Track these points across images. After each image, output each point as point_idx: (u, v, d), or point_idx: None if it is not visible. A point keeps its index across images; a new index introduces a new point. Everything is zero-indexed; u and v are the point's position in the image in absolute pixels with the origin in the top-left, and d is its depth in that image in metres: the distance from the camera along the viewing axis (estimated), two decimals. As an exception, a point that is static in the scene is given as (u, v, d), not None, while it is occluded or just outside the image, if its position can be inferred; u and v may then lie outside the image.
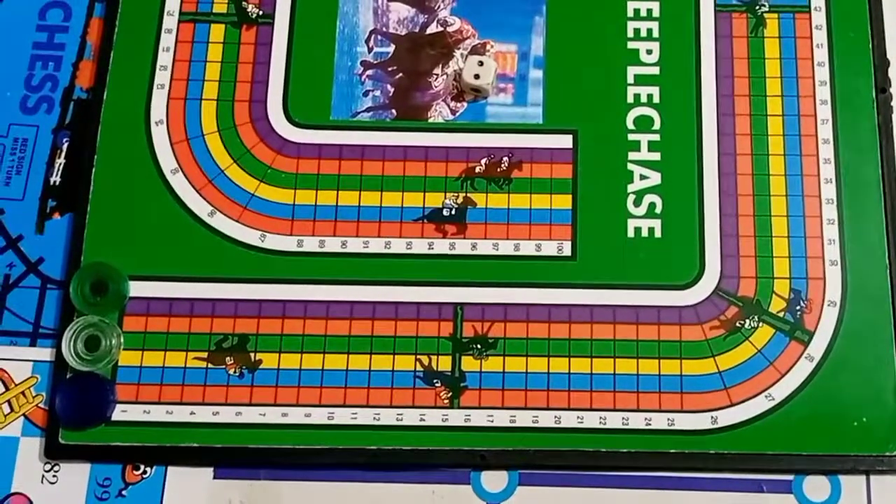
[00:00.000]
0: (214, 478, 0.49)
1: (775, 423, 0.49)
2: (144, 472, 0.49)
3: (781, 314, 0.51)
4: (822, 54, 0.55)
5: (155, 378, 0.50)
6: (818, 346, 0.50)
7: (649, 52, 0.55)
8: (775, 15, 0.55)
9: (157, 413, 0.50)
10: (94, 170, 0.53)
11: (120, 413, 0.50)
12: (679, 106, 0.54)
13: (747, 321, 0.50)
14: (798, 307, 0.51)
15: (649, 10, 0.56)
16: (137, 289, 0.51)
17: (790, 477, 0.49)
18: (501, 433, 0.49)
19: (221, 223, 0.53)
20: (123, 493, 0.49)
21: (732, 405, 0.49)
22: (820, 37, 0.55)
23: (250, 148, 0.54)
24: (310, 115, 0.54)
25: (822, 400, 0.49)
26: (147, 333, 0.51)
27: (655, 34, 0.55)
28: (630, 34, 0.55)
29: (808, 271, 0.51)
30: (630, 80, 0.55)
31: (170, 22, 0.56)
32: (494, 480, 0.49)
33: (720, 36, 0.55)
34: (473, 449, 0.49)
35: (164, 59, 0.55)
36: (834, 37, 0.55)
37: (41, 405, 0.50)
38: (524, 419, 0.49)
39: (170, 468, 0.49)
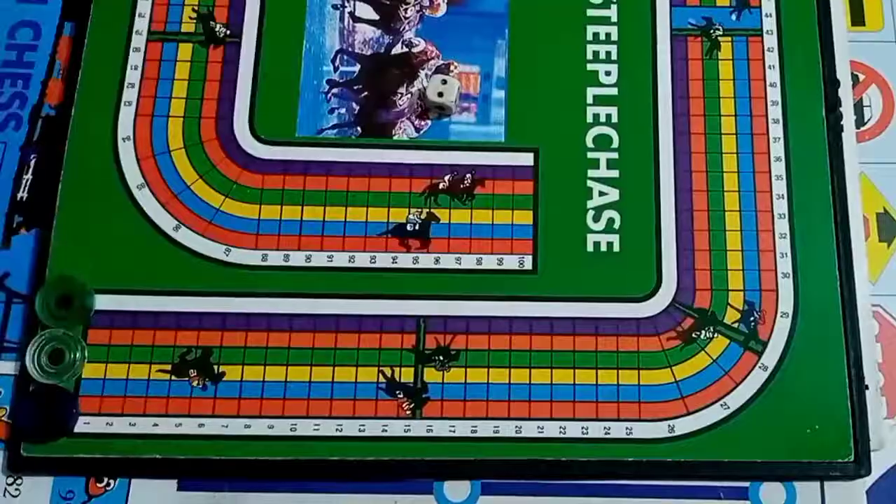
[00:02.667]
0: (178, 489, 0.50)
1: (731, 431, 0.51)
2: (108, 484, 0.50)
3: (736, 325, 0.53)
4: (774, 75, 0.58)
5: (118, 390, 0.51)
6: (772, 356, 0.52)
7: (608, 73, 0.58)
8: (729, 38, 0.58)
9: (121, 425, 0.51)
10: (60, 185, 0.54)
11: (83, 425, 0.51)
12: (636, 125, 0.57)
13: (703, 332, 0.53)
14: (752, 318, 0.53)
15: (608, 34, 0.59)
16: (103, 302, 0.53)
17: (746, 484, 0.50)
18: (463, 443, 0.51)
19: (186, 237, 0.54)
20: (86, 505, 0.50)
21: (689, 414, 0.51)
22: (772, 59, 0.58)
23: (216, 164, 0.56)
24: (276, 132, 0.56)
25: (776, 408, 0.51)
26: (111, 346, 0.52)
27: (614, 56, 0.58)
28: (589, 56, 0.58)
29: (762, 284, 0.53)
30: (589, 100, 0.57)
31: (138, 41, 0.58)
32: (457, 490, 0.50)
33: (676, 58, 0.58)
34: (436, 459, 0.50)
35: (132, 76, 0.57)
36: (785, 59, 0.58)
37: (4, 418, 0.51)
38: (485, 429, 0.51)
39: (133, 480, 0.50)
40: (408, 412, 0.51)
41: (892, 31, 0.60)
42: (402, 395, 0.52)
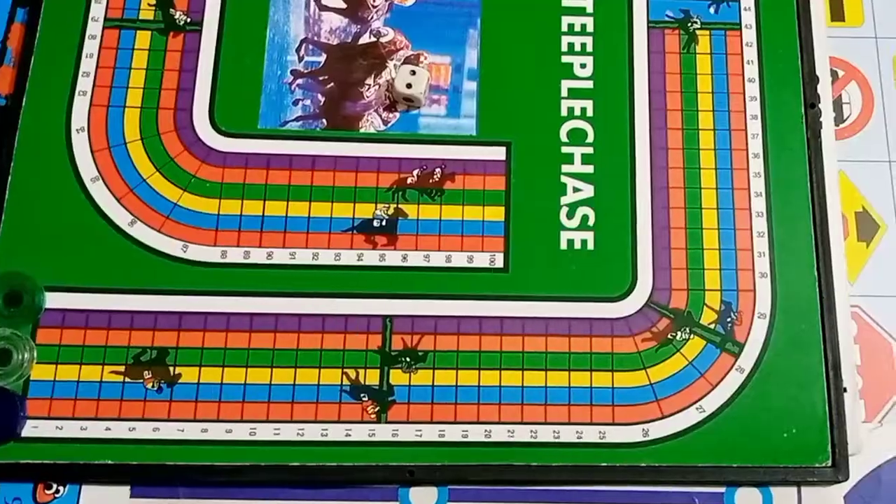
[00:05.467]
0: (131, 496, 0.50)
1: (707, 434, 0.51)
2: (57, 490, 0.49)
3: (712, 326, 0.53)
4: (752, 70, 0.58)
5: (69, 392, 0.51)
6: (748, 358, 0.52)
7: (583, 66, 0.58)
8: (707, 32, 0.59)
9: (71, 429, 0.50)
10: (10, 178, 0.54)
11: (31, 429, 0.50)
12: (612, 119, 0.57)
13: (679, 333, 0.53)
14: (729, 319, 0.53)
15: (583, 25, 0.59)
16: (53, 300, 0.52)
17: (722, 489, 0.51)
18: (430, 448, 0.50)
19: (142, 233, 0.53)
20: (33, 512, 0.49)
21: (664, 417, 0.51)
22: (750, 53, 0.58)
23: (174, 157, 0.55)
24: (237, 124, 0.56)
25: (753, 411, 0.51)
26: (62, 346, 0.51)
27: (589, 48, 0.58)
28: (564, 48, 0.58)
29: (739, 283, 0.54)
30: (564, 93, 0.57)
31: (94, 28, 0.57)
32: (423, 497, 0.50)
33: (653, 51, 0.58)
34: (401, 464, 0.50)
35: (87, 65, 0.56)
36: (764, 54, 0.58)
37: (-54, 422, 0.50)
38: (454, 433, 0.51)
39: (84, 487, 0.50)
40: (373, 416, 0.51)
41: (872, 26, 0.60)
42: (366, 398, 0.51)
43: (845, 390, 0.52)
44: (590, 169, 0.56)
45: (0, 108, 0.56)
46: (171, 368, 0.51)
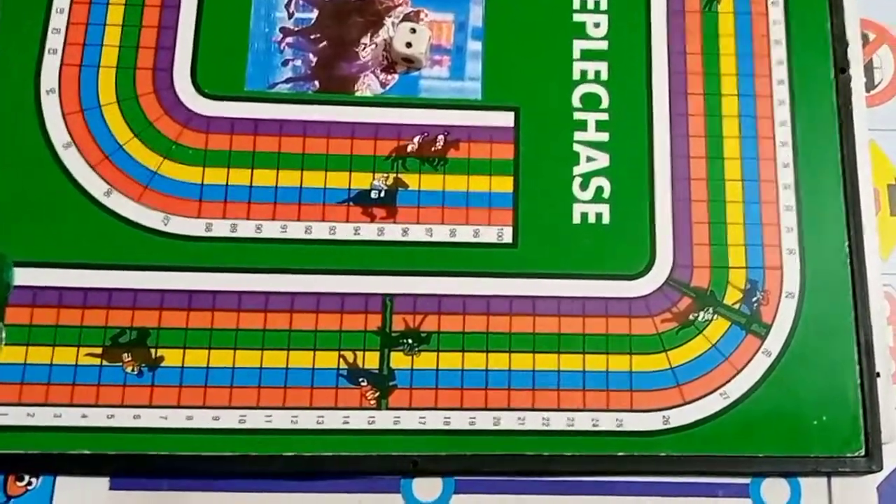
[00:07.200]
0: (111, 489, 0.48)
1: (731, 422, 0.49)
2: (29, 482, 0.48)
3: (737, 306, 0.51)
4: (778, 32, 0.56)
5: (41, 377, 0.48)
6: (776, 341, 0.51)
7: (597, 25, 0.56)
8: (730, -11, 0.56)
9: (44, 416, 0.48)
10: (-27, 143, 0.51)
11: (0, 417, 0.48)
12: (628, 83, 0.55)
13: (701, 314, 0.51)
14: (754, 299, 0.51)
15: (597, -20, 0.56)
16: (23, 276, 0.50)
17: (747, 480, 0.49)
18: (435, 436, 0.49)
19: (119, 204, 0.51)
20: (3, 507, 0.47)
21: (685, 404, 0.50)
22: (776, 13, 0.56)
23: (153, 121, 0.52)
24: (221, 86, 0.53)
25: (781, 398, 0.50)
26: (32, 327, 0.49)
27: (603, 6, 0.56)
28: (576, 6, 0.56)
29: (765, 261, 0.52)
30: (576, 54, 0.55)
31: (65, -20, 0.54)
32: (427, 488, 0.49)
33: (672, 10, 0.56)
34: (404, 454, 0.48)
35: (58, 21, 0.54)
36: (791, 15, 0.56)
37: None
38: (460, 421, 0.49)
39: (59, 478, 0.48)
40: (372, 402, 0.49)
41: (905, -14, 0.58)
42: (365, 383, 0.49)
43: (878, 375, 0.50)
44: (604, 137, 0.54)
45: (-38, 67, 0.53)
46: (153, 351, 0.49)
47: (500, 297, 0.51)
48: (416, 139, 0.53)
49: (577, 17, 0.56)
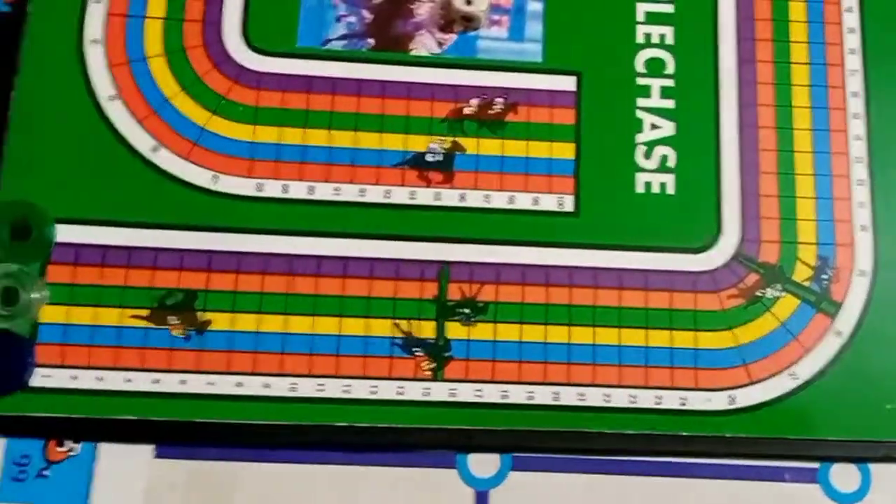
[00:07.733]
0: (155, 457, 0.46)
1: (799, 404, 0.48)
2: (71, 449, 0.46)
3: (807, 283, 0.50)
4: (851, -1, 0.54)
5: (83, 338, 0.47)
6: (847, 320, 0.49)
7: (661, -14, 0.54)
8: (801, -49, 0.54)
9: (86, 379, 0.46)
10: (14, 95, 0.49)
11: (41, 378, 0.46)
12: (695, 49, 0.53)
13: (769, 290, 0.49)
14: (825, 276, 0.50)
15: (662, -58, 0.54)
16: (65, 233, 0.48)
17: (815, 465, 0.48)
18: (491, 410, 0.47)
19: (166, 160, 0.49)
20: (45, 472, 0.46)
21: (752, 383, 0.48)
22: (850, -22, 0.54)
23: (201, 75, 0.51)
24: (273, 41, 0.51)
25: (852, 379, 0.48)
26: (75, 286, 0.47)
27: (669, -33, 0.54)
28: (641, -34, 0.54)
29: (836, 237, 0.50)
30: (640, 17, 0.53)
31: (109, -75, 0.52)
32: (483, 464, 0.47)
33: (741, -27, 0.54)
34: (459, 427, 0.47)
35: (102, -32, 0.52)
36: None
37: (-56, 368, 0.47)
38: (518, 395, 0.48)
39: (101, 445, 0.46)
40: (427, 373, 0.48)
41: None
42: (420, 353, 0.48)
43: (953, 358, 0.49)
44: (670, 104, 0.52)
45: (2, 16, 0.51)
46: (200, 314, 0.47)
47: (559, 267, 0.49)
48: (473, 101, 0.51)
49: (641, -22, 0.54)
